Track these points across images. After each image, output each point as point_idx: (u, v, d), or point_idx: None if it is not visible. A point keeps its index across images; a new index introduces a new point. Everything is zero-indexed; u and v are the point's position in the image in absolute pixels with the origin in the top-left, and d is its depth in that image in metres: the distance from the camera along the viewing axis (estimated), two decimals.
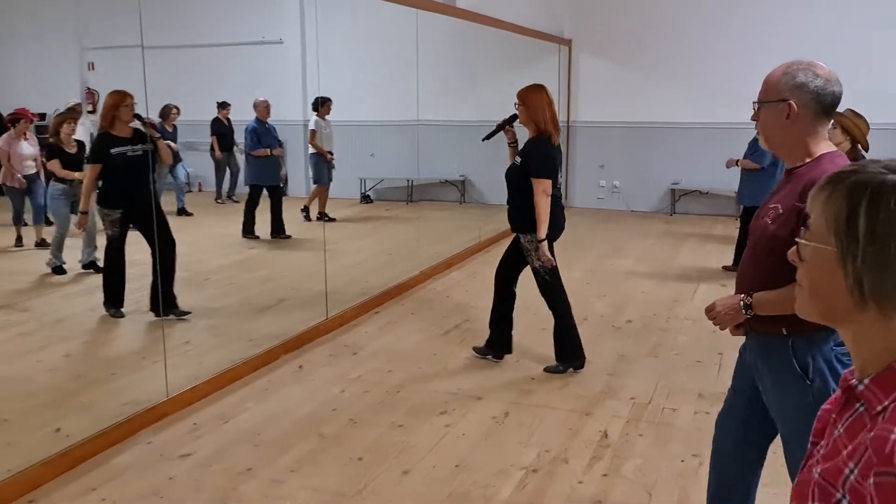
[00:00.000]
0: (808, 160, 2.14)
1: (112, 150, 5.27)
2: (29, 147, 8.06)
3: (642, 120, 10.80)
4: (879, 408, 0.95)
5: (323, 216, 9.63)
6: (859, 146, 4.69)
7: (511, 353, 4.85)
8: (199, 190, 12.23)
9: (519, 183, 4.47)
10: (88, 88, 13.30)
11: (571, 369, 4.60)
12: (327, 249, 6.14)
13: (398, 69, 9.58)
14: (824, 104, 2.10)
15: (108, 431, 3.65)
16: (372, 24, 11.36)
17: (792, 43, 9.73)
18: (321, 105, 9.42)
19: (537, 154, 4.42)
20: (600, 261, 7.76)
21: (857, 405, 1.00)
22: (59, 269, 7.03)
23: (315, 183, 9.71)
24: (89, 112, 10.91)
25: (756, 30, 9.89)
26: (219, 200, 11.12)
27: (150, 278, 5.55)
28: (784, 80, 2.11)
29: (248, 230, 8.79)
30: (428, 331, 5.47)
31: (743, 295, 2.20)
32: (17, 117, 8.12)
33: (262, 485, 3.31)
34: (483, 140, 4.88)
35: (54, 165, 6.96)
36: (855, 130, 4.64)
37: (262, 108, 8.95)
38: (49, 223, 8.63)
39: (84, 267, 7.04)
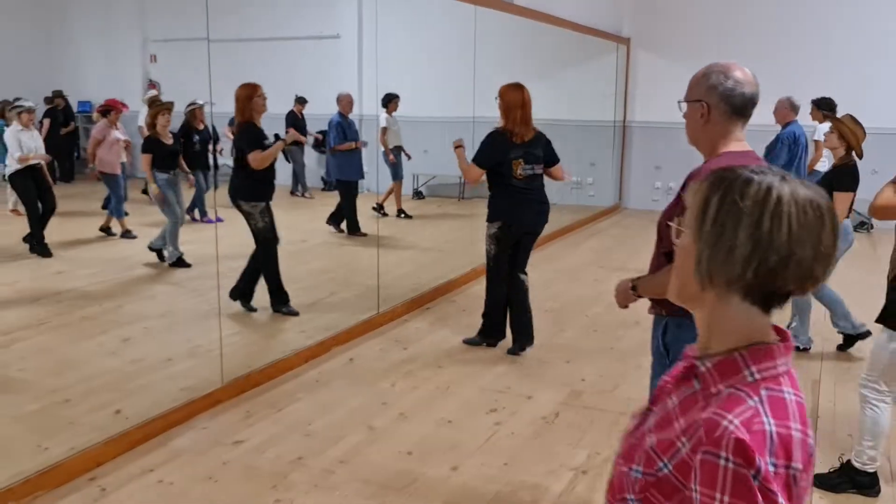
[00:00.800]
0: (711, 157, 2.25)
1: (265, 141, 5.34)
2: (120, 136, 8.31)
3: None
4: (714, 390, 1.06)
5: (400, 213, 9.81)
6: (854, 153, 4.67)
7: (504, 338, 5.03)
8: None
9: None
10: (150, 80, 13.66)
11: (485, 344, 5.01)
12: (379, 244, 6.19)
13: (454, 65, 9.59)
14: (734, 105, 2.20)
15: (165, 415, 3.75)
16: (429, 19, 11.40)
17: (855, 45, 9.46)
18: (389, 102, 9.48)
19: (483, 143, 4.74)
20: None
21: (695, 382, 1.11)
22: (180, 261, 7.01)
23: (393, 179, 9.80)
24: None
25: (821, 31, 9.63)
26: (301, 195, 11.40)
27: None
28: (701, 81, 2.23)
29: (354, 228, 8.62)
30: (479, 328, 5.46)
31: (632, 278, 2.45)
32: (109, 107, 8.38)
33: (312, 474, 3.36)
34: None
35: (146, 160, 7.11)
36: (851, 137, 4.64)
37: (346, 102, 8.84)
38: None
39: (151, 249, 7.21)
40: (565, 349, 4.97)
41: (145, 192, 7.79)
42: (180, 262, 7.00)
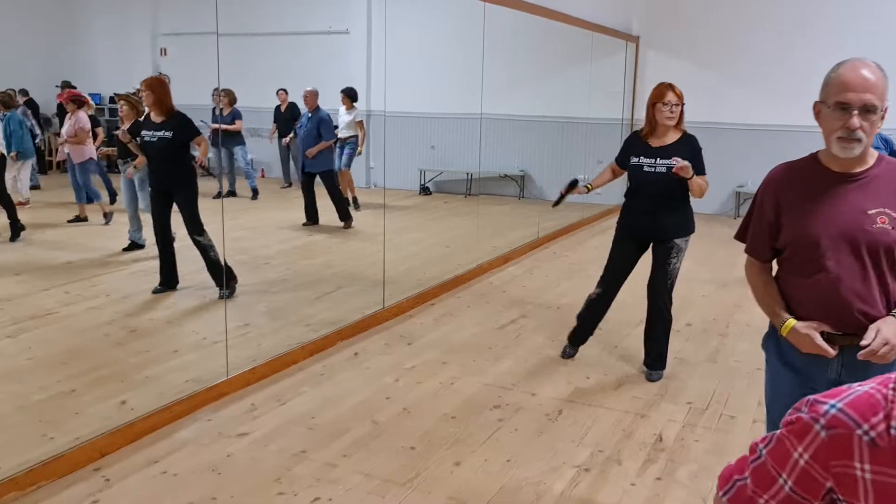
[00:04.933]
0: (871, 161, 2.14)
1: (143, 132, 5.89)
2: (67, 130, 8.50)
3: (709, 120, 10.52)
4: None
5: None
6: None
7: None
8: (262, 176, 12.48)
9: (678, 186, 4.26)
10: (160, 73, 13.67)
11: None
12: (385, 240, 6.19)
13: (463, 62, 9.59)
14: None
15: (170, 407, 3.76)
16: (438, 15, 11.39)
17: (868, 42, 9.40)
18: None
19: (700, 150, 4.33)
20: None
21: None
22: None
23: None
24: None
25: (832, 29, 9.57)
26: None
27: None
28: (885, 81, 2.08)
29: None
30: (484, 324, 5.47)
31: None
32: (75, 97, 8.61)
33: (315, 467, 3.36)
34: (553, 206, 4.77)
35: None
36: None
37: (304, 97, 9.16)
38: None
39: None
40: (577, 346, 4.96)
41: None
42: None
